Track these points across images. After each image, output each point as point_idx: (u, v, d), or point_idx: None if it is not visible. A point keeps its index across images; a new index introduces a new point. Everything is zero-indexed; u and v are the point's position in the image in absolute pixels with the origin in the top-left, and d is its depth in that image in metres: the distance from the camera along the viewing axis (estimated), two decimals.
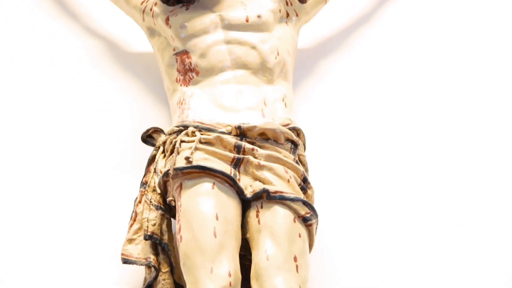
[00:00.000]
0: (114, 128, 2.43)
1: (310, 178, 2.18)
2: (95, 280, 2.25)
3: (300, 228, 2.02)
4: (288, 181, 2.07)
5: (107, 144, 2.41)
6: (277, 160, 2.10)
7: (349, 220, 2.33)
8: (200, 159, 2.06)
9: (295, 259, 1.96)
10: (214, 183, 2.03)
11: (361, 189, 2.38)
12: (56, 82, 2.50)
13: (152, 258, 2.09)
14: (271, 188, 2.03)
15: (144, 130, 2.23)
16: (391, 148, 2.44)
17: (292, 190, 2.05)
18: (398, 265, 2.29)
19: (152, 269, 2.10)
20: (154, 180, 2.15)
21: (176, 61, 2.27)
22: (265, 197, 2.03)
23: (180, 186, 2.06)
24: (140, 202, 2.15)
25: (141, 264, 2.09)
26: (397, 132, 2.46)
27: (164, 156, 2.16)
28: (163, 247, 2.10)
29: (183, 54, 2.25)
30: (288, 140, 2.15)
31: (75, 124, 2.44)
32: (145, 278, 2.13)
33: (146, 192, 2.14)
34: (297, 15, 2.37)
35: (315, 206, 2.12)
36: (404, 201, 2.37)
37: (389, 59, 2.57)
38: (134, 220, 2.14)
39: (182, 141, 2.11)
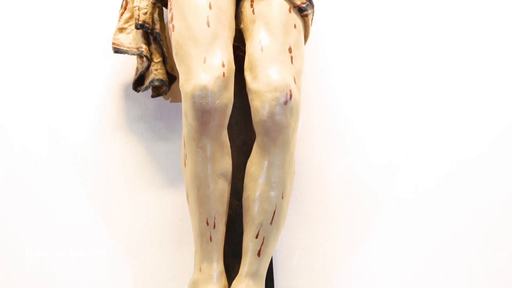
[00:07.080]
0: None
1: None
2: (87, 71, 2.24)
3: (296, 18, 1.98)
4: None
5: None
6: None
7: (347, 11, 2.28)
8: None
9: (289, 50, 1.93)
10: None
11: None
12: None
13: (144, 47, 2.06)
14: None
15: None
16: None
17: None
18: (394, 80, 2.27)
19: (144, 59, 2.08)
20: None
21: None
22: None
23: None
24: None
25: (133, 54, 2.07)
26: None
27: None
28: (155, 36, 2.07)
29: None
30: None
31: None
32: (137, 68, 2.12)
33: None
34: None
35: None
36: (405, 20, 2.30)
37: None
38: (125, 9, 2.10)
39: None
